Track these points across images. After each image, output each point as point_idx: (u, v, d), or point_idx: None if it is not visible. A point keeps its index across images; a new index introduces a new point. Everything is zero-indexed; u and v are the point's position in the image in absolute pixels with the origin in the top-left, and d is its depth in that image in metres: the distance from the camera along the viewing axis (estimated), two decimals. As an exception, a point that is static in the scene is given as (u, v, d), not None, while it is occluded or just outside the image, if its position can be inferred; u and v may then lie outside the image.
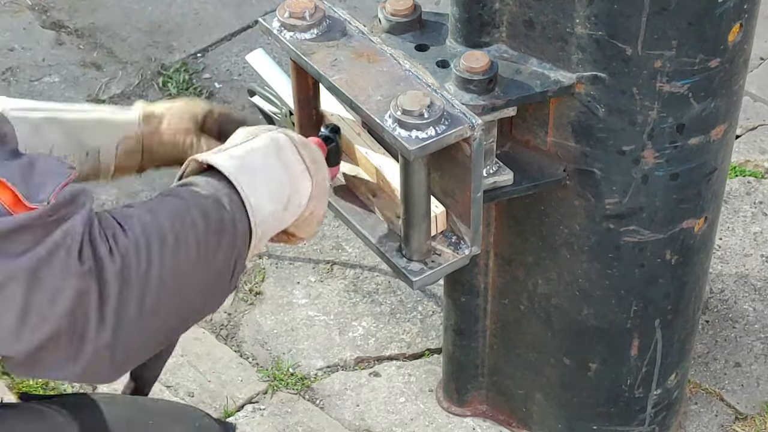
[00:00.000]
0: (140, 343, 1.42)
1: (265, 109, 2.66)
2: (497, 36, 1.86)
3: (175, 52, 3.44)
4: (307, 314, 2.70)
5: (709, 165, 1.95)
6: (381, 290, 2.76)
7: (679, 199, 1.96)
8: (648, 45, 1.74)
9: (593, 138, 1.88)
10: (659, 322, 2.15)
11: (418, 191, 1.70)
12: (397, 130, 1.61)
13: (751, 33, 1.83)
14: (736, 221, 2.89)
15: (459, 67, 1.80)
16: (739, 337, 2.65)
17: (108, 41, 3.48)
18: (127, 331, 1.38)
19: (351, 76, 1.71)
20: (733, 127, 1.98)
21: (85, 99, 3.28)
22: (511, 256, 2.16)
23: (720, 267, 2.78)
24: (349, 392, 2.57)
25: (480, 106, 1.80)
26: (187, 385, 2.55)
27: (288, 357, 2.62)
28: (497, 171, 1.91)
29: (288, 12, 1.77)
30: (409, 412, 2.52)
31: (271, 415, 2.51)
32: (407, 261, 1.80)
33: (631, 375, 2.23)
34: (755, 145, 3.10)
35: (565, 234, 2.03)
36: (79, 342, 1.35)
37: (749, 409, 2.52)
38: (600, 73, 1.80)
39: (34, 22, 3.55)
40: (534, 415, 2.39)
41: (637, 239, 2.00)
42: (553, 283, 2.13)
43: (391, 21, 1.92)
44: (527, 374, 2.32)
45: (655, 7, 1.70)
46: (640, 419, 2.32)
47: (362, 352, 2.64)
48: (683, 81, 1.79)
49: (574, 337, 2.19)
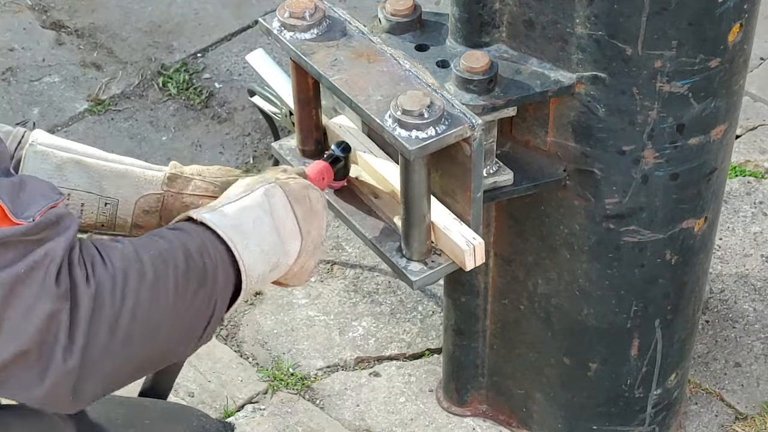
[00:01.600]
0: (104, 375, 1.41)
1: (265, 109, 2.66)
2: (497, 36, 1.87)
3: (175, 52, 3.44)
4: (307, 314, 2.70)
5: (709, 165, 1.95)
6: (381, 290, 2.76)
7: (679, 199, 1.96)
8: (648, 45, 1.74)
9: (593, 138, 1.88)
10: (659, 322, 2.15)
11: (418, 191, 1.70)
12: (397, 130, 1.61)
13: (751, 33, 1.83)
14: (736, 221, 2.89)
15: (459, 67, 1.80)
16: (739, 337, 2.65)
17: (108, 41, 3.48)
18: (94, 359, 1.37)
19: (351, 76, 1.71)
20: (733, 127, 1.98)
21: (85, 99, 3.29)
22: (511, 256, 2.16)
23: (720, 267, 2.78)
24: (349, 392, 2.57)
25: (480, 106, 1.80)
26: (187, 385, 2.55)
27: (288, 357, 2.62)
28: (497, 171, 1.91)
29: (288, 12, 1.77)
30: (409, 412, 2.52)
31: (271, 415, 2.51)
32: (407, 261, 1.79)
33: (631, 375, 2.23)
34: (755, 145, 3.10)
35: (565, 234, 2.03)
36: (45, 363, 1.35)
37: (749, 409, 2.52)
38: (600, 73, 1.80)
39: (34, 22, 3.55)
40: (534, 415, 2.39)
41: (637, 239, 2.00)
42: (553, 283, 2.13)
43: (391, 21, 1.92)
44: (527, 374, 2.32)
45: (655, 7, 1.70)
46: (640, 419, 2.32)
47: (362, 352, 2.64)
48: (683, 81, 1.79)
49: (574, 337, 2.19)
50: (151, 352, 1.46)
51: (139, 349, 1.43)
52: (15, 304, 1.32)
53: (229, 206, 1.56)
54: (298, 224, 1.60)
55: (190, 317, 1.48)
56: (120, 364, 1.42)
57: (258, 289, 1.60)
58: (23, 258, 1.32)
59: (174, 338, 1.49)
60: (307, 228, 1.61)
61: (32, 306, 1.33)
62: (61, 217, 1.37)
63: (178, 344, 1.50)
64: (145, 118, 3.24)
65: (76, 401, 1.40)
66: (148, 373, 1.54)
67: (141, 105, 3.29)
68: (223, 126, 3.22)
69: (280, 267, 1.59)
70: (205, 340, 1.53)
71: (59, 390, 1.37)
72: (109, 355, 1.39)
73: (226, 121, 3.23)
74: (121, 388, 1.49)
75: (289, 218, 1.59)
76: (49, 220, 1.35)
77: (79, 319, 1.36)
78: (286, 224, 1.59)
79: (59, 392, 1.38)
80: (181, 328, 1.48)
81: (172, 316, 1.46)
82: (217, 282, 1.50)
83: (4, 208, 1.32)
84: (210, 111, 3.27)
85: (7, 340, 1.33)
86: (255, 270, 1.54)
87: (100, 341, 1.38)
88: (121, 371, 1.44)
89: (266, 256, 1.55)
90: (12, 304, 1.32)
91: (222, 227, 1.52)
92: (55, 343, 1.35)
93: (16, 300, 1.32)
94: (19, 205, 1.34)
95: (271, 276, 1.59)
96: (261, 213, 1.57)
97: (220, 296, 1.51)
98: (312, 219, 1.62)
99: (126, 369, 1.44)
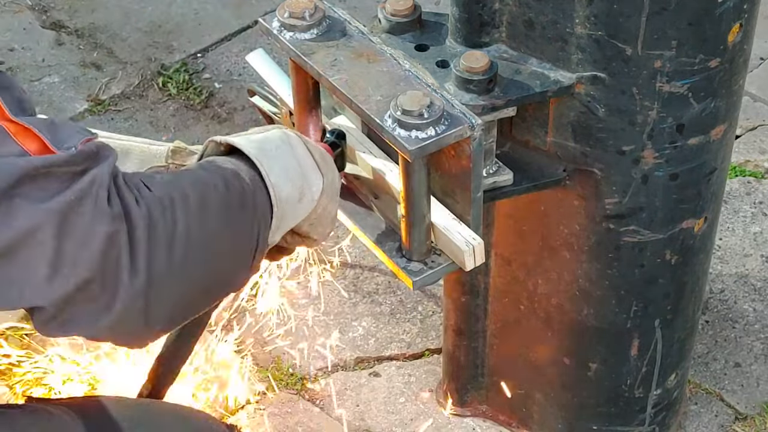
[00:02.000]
0: (172, 296, 1.41)
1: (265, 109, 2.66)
2: (497, 36, 1.87)
3: (175, 53, 3.44)
4: (308, 314, 2.70)
5: (709, 165, 1.95)
6: (381, 290, 2.76)
7: (679, 199, 1.96)
8: (648, 45, 1.74)
9: (593, 138, 1.88)
10: (659, 322, 2.15)
11: (418, 191, 1.70)
12: (396, 130, 1.61)
13: (750, 33, 1.83)
14: (736, 221, 2.89)
15: (459, 67, 1.80)
16: (739, 338, 2.65)
17: (108, 41, 3.48)
18: (159, 277, 1.38)
19: (351, 76, 1.71)
20: (733, 127, 1.98)
21: (86, 99, 3.29)
22: (511, 256, 2.16)
23: (720, 267, 2.78)
24: (349, 392, 2.57)
25: (480, 106, 1.80)
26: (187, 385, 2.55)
27: (288, 357, 2.62)
28: (497, 171, 1.91)
29: (288, 12, 1.77)
30: (409, 412, 2.52)
31: (271, 415, 2.51)
32: (407, 261, 1.80)
33: (631, 375, 2.23)
34: (755, 145, 3.11)
35: (565, 234, 2.03)
36: (112, 287, 1.35)
37: (749, 409, 2.52)
38: (600, 73, 1.80)
39: (34, 22, 3.55)
40: (534, 415, 2.39)
41: (636, 239, 2.00)
42: (553, 283, 2.13)
43: (391, 21, 1.92)
44: (527, 374, 2.32)
45: (655, 7, 1.70)
46: (640, 419, 2.32)
47: (362, 352, 2.64)
48: (683, 81, 1.79)
49: (574, 337, 2.19)
50: (209, 275, 1.47)
51: (197, 270, 1.44)
52: (71, 233, 1.32)
53: (252, 135, 1.61)
54: (316, 161, 1.64)
55: (238, 239, 1.50)
56: (183, 286, 1.43)
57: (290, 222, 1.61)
58: (71, 186, 1.32)
59: (227, 261, 1.50)
60: (325, 169, 1.65)
61: (88, 232, 1.33)
62: (100, 147, 1.38)
63: (233, 268, 1.52)
64: (145, 118, 3.24)
65: (148, 326, 1.40)
66: (213, 299, 1.55)
67: (141, 105, 3.29)
68: (223, 126, 3.22)
69: (305, 199, 1.61)
70: (254, 268, 1.55)
71: (130, 314, 1.37)
72: (172, 275, 1.40)
73: (226, 121, 3.23)
74: (192, 316, 1.50)
75: (307, 155, 1.63)
76: (89, 149, 1.36)
77: (138, 240, 1.36)
78: (305, 159, 1.62)
79: (130, 317, 1.38)
80: (231, 250, 1.50)
81: (221, 237, 1.47)
82: (257, 205, 1.53)
83: (44, 140, 1.32)
84: (210, 111, 3.27)
85: (69, 271, 1.33)
86: (283, 190, 1.56)
87: (161, 261, 1.38)
88: (186, 294, 1.44)
89: (290, 180, 1.58)
90: (68, 234, 1.32)
91: (248, 148, 1.56)
92: (118, 265, 1.35)
93: (71, 228, 1.32)
94: (59, 137, 1.34)
95: (300, 207, 1.61)
96: (280, 143, 1.61)
97: (262, 220, 1.54)
98: (326, 165, 1.66)
99: (191, 292, 1.45)
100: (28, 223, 1.30)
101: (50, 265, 1.32)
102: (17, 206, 1.29)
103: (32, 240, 1.30)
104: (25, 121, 1.33)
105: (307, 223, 1.65)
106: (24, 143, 1.31)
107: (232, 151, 1.59)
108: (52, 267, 1.32)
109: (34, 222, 1.30)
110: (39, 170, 1.30)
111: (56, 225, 1.31)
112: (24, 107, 1.37)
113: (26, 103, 1.39)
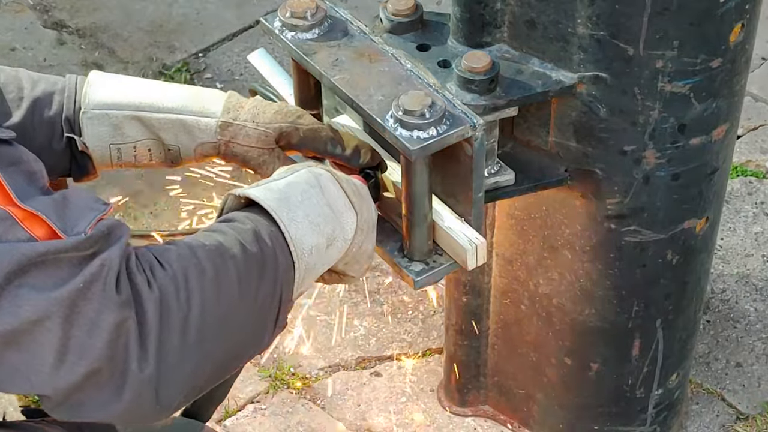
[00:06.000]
0: (185, 378, 1.38)
1: (266, 109, 2.66)
2: (499, 36, 1.86)
3: (176, 52, 3.44)
4: (308, 314, 2.70)
5: (711, 165, 1.95)
6: (382, 290, 2.76)
7: (681, 199, 1.96)
8: (649, 45, 1.74)
9: (595, 138, 1.88)
10: (660, 322, 2.15)
11: (419, 191, 1.70)
12: (398, 130, 1.61)
13: (752, 33, 1.83)
14: (738, 221, 2.89)
15: (460, 67, 1.80)
16: (740, 337, 2.65)
17: (109, 41, 3.48)
18: (171, 363, 1.35)
19: (352, 76, 1.71)
20: (735, 128, 1.98)
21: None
22: (512, 256, 2.16)
23: (721, 267, 2.78)
24: (351, 392, 2.57)
25: (481, 106, 1.79)
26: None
27: (289, 357, 2.62)
28: (499, 171, 1.91)
29: (289, 12, 1.77)
30: (410, 412, 2.52)
31: (272, 414, 2.51)
32: (408, 261, 1.79)
33: (633, 375, 2.23)
34: (757, 145, 3.10)
35: (567, 234, 2.03)
36: (121, 376, 1.32)
37: (750, 409, 2.52)
38: (601, 73, 1.80)
39: (35, 21, 3.55)
40: (535, 415, 2.39)
41: (638, 239, 2.00)
42: (554, 283, 2.13)
43: (392, 21, 1.92)
44: (528, 374, 2.32)
45: (657, 8, 1.70)
46: (641, 419, 2.32)
47: (363, 352, 2.64)
48: (685, 81, 1.79)
49: (576, 337, 2.19)
50: (226, 348, 1.43)
51: (213, 345, 1.40)
52: (78, 321, 1.29)
53: (275, 182, 1.56)
54: (350, 200, 1.59)
55: (259, 306, 1.46)
56: (198, 365, 1.39)
57: (319, 270, 1.57)
58: (80, 272, 1.29)
59: (246, 330, 1.46)
60: (359, 205, 1.61)
61: (96, 320, 1.29)
62: (111, 228, 1.34)
63: (253, 335, 1.48)
64: (146, 118, 3.25)
65: (161, 408, 1.37)
66: (232, 370, 1.51)
67: (142, 105, 3.29)
68: (225, 126, 3.21)
69: (337, 241, 1.57)
70: (280, 326, 1.51)
71: (142, 401, 1.34)
72: (186, 356, 1.36)
73: (228, 120, 3.23)
74: (208, 388, 1.45)
75: (339, 194, 1.58)
76: (100, 232, 1.32)
77: (149, 325, 1.33)
78: (337, 199, 1.58)
79: (143, 403, 1.34)
80: (251, 318, 1.46)
81: (239, 308, 1.43)
82: (278, 266, 1.48)
83: (53, 228, 1.29)
84: (211, 111, 3.27)
85: (76, 360, 1.29)
86: (305, 242, 1.51)
87: (173, 344, 1.35)
88: (201, 372, 1.41)
89: (317, 228, 1.53)
90: (75, 322, 1.29)
91: (267, 201, 1.51)
92: (127, 353, 1.32)
93: (79, 317, 1.29)
94: (68, 221, 1.31)
95: (330, 253, 1.57)
96: (308, 187, 1.55)
97: (285, 279, 1.49)
98: (361, 200, 1.62)
99: (205, 368, 1.41)
100: (35, 313, 1.27)
101: (57, 354, 1.29)
102: (24, 295, 1.26)
103: (39, 329, 1.28)
104: (32, 207, 1.29)
105: (342, 263, 1.62)
106: (32, 229, 1.28)
107: (252, 203, 1.53)
108: (58, 356, 1.29)
109: (41, 312, 1.27)
110: (46, 257, 1.27)
111: (64, 314, 1.28)
112: (35, 179, 1.34)
113: (37, 174, 1.35)
